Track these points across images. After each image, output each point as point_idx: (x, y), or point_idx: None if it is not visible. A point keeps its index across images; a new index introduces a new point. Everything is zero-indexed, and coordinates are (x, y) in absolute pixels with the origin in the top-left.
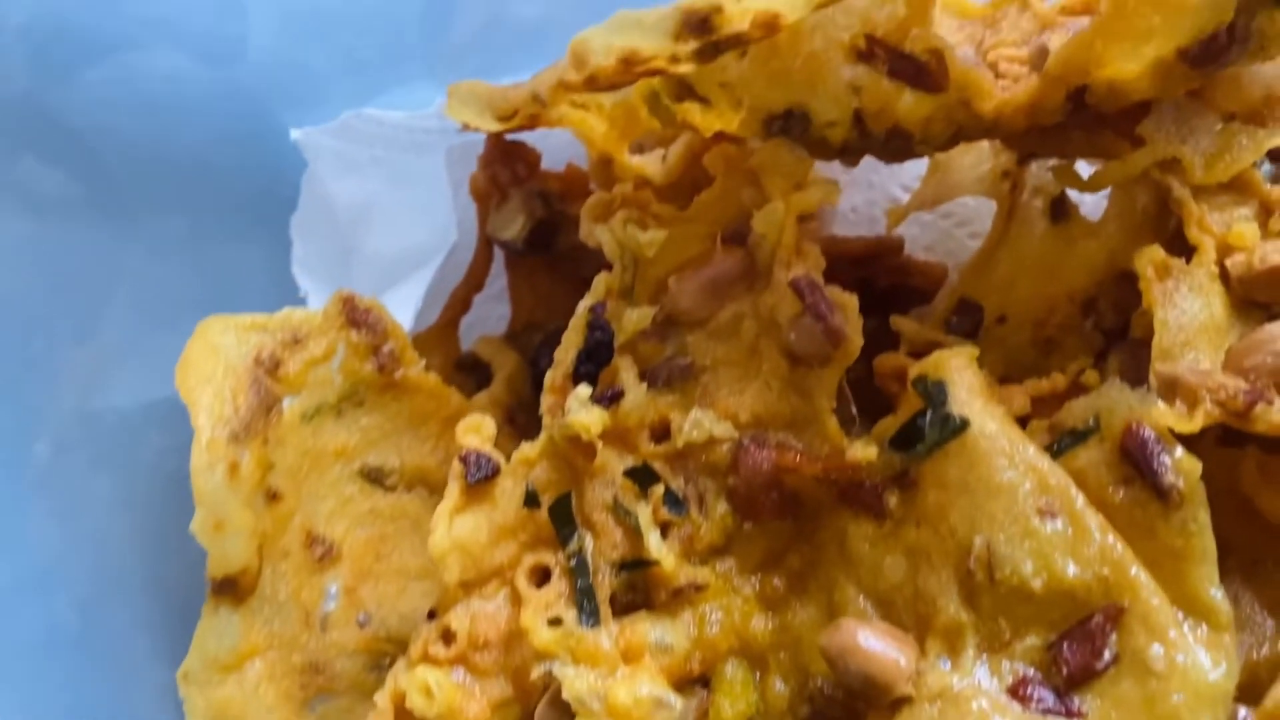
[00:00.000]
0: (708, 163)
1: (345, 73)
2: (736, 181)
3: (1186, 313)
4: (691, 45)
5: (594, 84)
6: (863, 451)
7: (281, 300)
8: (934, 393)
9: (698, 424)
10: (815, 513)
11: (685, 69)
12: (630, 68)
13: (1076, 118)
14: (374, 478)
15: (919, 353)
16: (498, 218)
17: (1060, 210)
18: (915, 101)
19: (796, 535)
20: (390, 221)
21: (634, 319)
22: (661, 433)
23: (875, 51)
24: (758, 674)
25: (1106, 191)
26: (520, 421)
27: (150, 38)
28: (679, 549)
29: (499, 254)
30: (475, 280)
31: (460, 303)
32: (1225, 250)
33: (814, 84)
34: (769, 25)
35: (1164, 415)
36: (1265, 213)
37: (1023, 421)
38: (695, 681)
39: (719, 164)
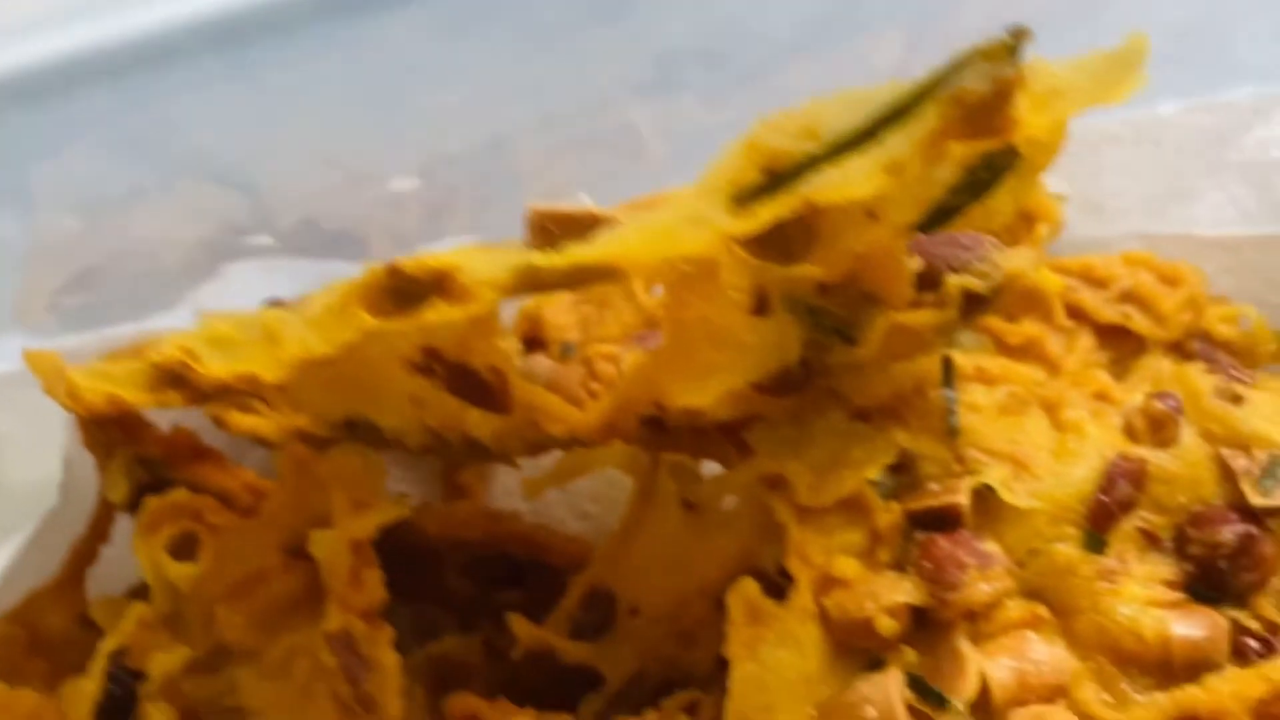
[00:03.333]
0: (277, 465)
1: None
2: (306, 487)
3: (770, 669)
4: (178, 396)
5: (96, 413)
6: None
7: None
8: None
9: None
10: None
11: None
12: (125, 406)
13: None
14: None
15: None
16: (106, 477)
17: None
18: (482, 419)
19: None
20: (20, 453)
21: (164, 664)
22: None
23: (434, 366)
24: None
25: None
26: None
27: None
28: None
29: None
30: (98, 532)
31: (81, 556)
32: (827, 584)
33: (371, 395)
34: (253, 381)
35: None
36: (874, 540)
37: None
38: None
39: (288, 467)
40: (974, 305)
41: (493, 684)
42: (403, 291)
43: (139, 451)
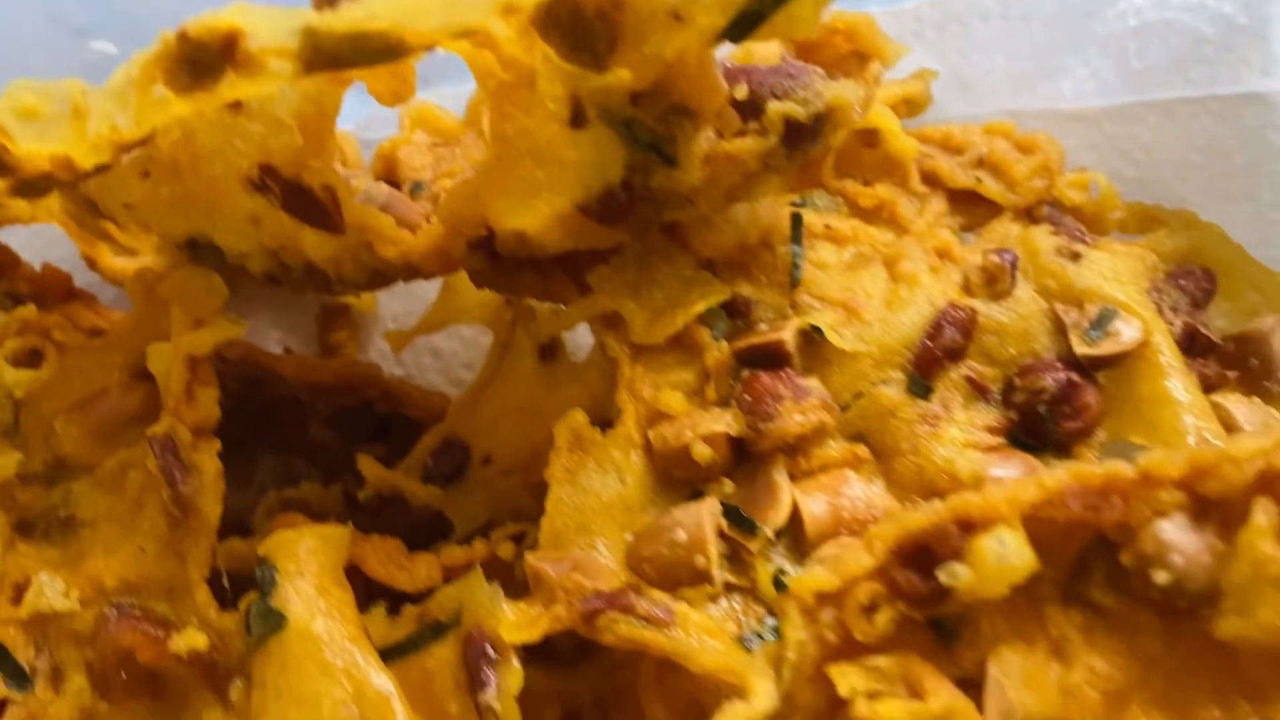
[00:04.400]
0: (127, 287)
1: None
2: (153, 311)
3: (588, 492)
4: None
5: None
6: (186, 640)
7: None
8: (265, 579)
9: (40, 592)
10: (182, 694)
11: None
12: None
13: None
14: None
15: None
16: None
17: (549, 350)
18: (317, 240)
19: (163, 717)
20: None
21: None
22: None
23: (268, 183)
24: None
25: None
26: None
27: None
28: None
29: None
30: None
31: None
32: (653, 418)
33: (212, 213)
34: (70, 166)
35: (506, 619)
36: (703, 379)
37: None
38: None
39: (139, 289)
40: (796, 134)
41: None
42: (196, 61)
43: (10, 289)
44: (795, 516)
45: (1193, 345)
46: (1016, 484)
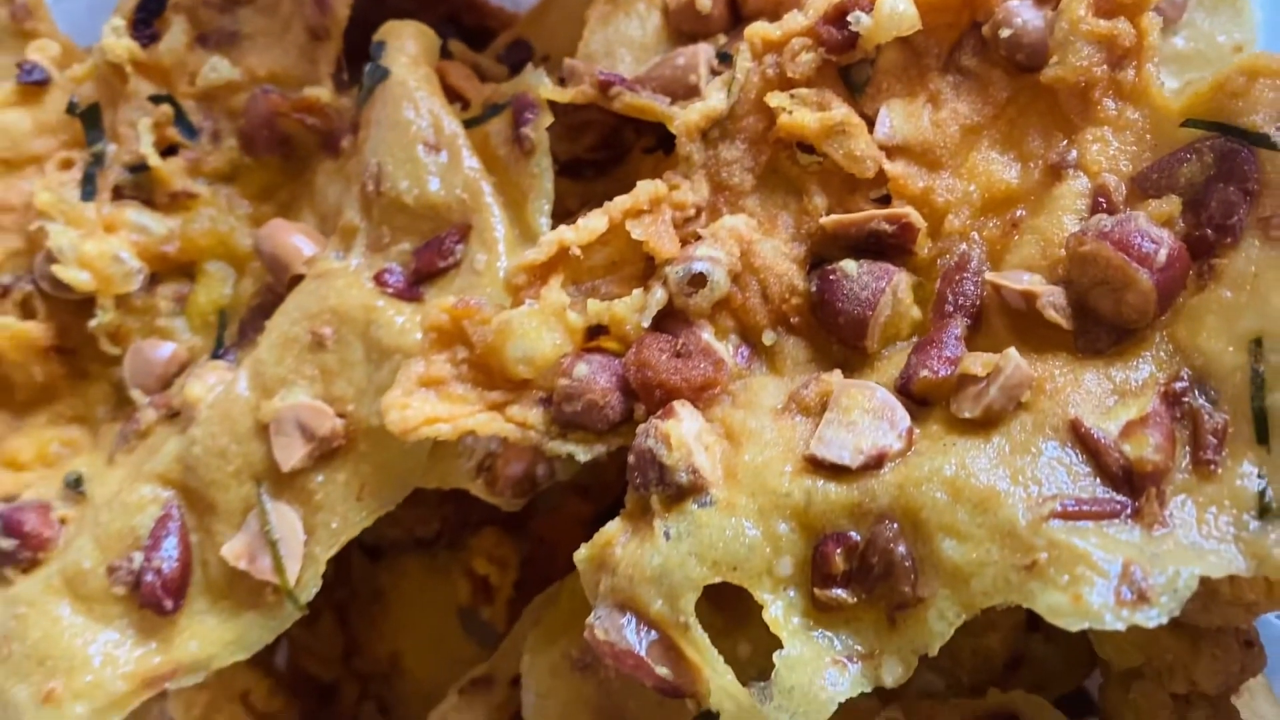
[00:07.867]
0: None
1: None
2: None
3: (619, 31)
4: None
5: None
6: (315, 93)
7: None
8: (376, 51)
9: (214, 68)
10: (306, 158)
11: None
12: None
13: None
14: None
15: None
16: None
17: None
18: None
19: (288, 174)
20: None
21: None
22: None
23: None
24: (236, 276)
25: None
26: None
27: None
28: (185, 166)
29: None
30: None
31: None
32: None
33: None
34: None
35: (545, 89)
36: None
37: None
38: (180, 272)
39: None
40: None
41: None
42: None
43: None
44: None
45: None
46: None
